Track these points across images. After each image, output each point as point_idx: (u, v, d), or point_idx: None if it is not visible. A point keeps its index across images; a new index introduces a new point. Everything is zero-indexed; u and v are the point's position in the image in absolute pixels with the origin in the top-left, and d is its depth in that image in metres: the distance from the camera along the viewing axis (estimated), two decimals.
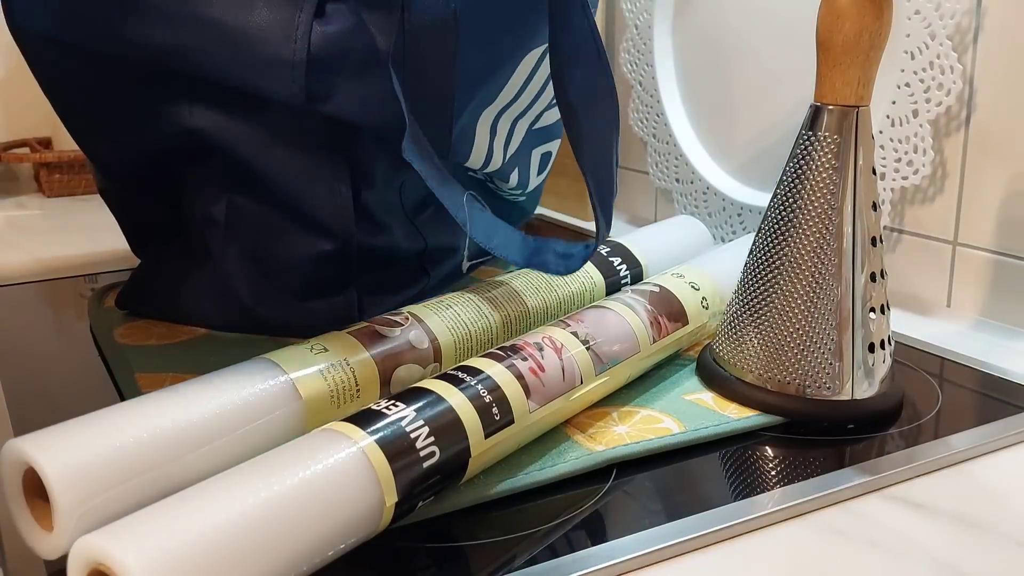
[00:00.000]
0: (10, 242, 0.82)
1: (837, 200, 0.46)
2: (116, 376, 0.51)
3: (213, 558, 0.29)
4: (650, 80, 0.84)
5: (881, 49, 0.45)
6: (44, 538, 0.33)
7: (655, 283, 0.53)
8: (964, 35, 0.61)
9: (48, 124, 1.04)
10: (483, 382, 0.40)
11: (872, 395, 0.47)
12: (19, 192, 1.05)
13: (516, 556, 0.36)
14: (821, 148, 0.46)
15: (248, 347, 0.55)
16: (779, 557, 0.36)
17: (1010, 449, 0.45)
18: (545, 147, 0.66)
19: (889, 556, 0.36)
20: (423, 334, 0.46)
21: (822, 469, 0.42)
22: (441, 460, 0.36)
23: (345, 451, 0.34)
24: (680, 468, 0.43)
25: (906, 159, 0.63)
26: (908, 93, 0.62)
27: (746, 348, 0.48)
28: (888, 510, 0.40)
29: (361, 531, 0.34)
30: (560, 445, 0.43)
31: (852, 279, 0.46)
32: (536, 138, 0.65)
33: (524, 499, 0.40)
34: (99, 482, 0.33)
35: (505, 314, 0.51)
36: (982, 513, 0.39)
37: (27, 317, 0.63)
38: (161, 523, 0.30)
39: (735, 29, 0.76)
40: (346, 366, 0.42)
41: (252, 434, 0.38)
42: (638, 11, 0.85)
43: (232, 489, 0.31)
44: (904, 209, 0.66)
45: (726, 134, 0.79)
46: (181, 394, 0.37)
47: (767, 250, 0.48)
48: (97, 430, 0.35)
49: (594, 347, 0.46)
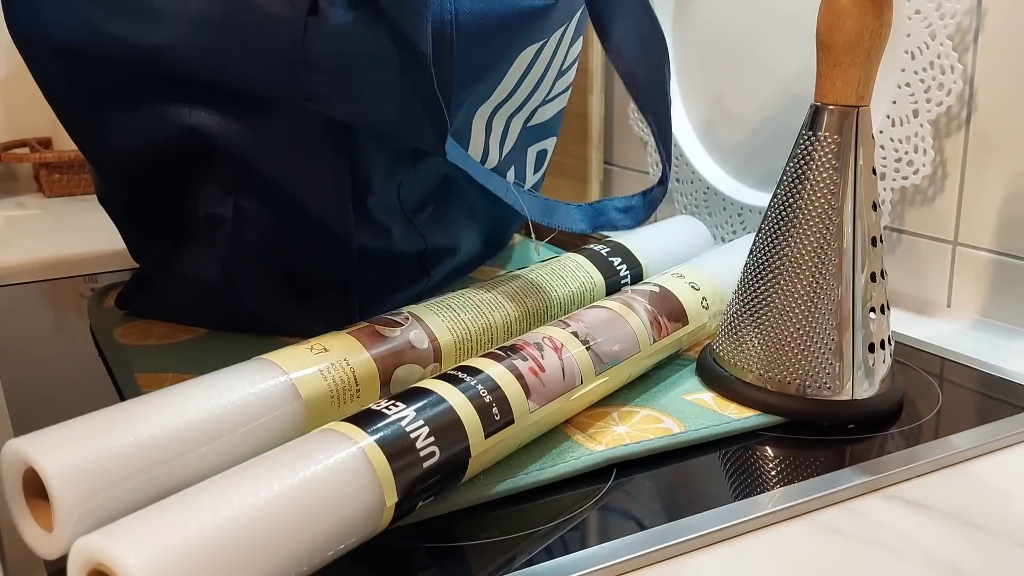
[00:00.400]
0: (10, 242, 0.82)
1: (837, 200, 0.46)
2: (116, 376, 0.51)
3: (213, 558, 0.29)
4: None
5: (881, 49, 0.45)
6: (44, 538, 0.33)
7: (655, 283, 0.53)
8: (964, 35, 0.61)
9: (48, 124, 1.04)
10: (483, 382, 0.40)
11: (872, 395, 0.47)
12: (19, 192, 1.05)
13: (516, 556, 0.36)
14: (821, 148, 0.46)
15: (248, 347, 0.55)
16: (779, 557, 0.36)
17: (1010, 449, 0.45)
18: (540, 144, 0.67)
19: (889, 556, 0.36)
20: (423, 334, 0.46)
21: (822, 469, 0.42)
22: (441, 460, 0.36)
23: (345, 451, 0.34)
24: (680, 468, 0.43)
25: (906, 159, 0.63)
26: (908, 93, 0.62)
27: (746, 348, 0.48)
28: (888, 510, 0.40)
29: (361, 531, 0.34)
30: (560, 445, 0.43)
31: (852, 279, 0.46)
32: (531, 135, 0.65)
33: (524, 499, 0.40)
34: (99, 482, 0.33)
35: (505, 314, 0.51)
36: (982, 513, 0.39)
37: (27, 317, 0.63)
38: (161, 523, 0.30)
39: (735, 29, 0.76)
40: (346, 366, 0.42)
41: (252, 434, 0.38)
42: None
43: (232, 489, 0.31)
44: (904, 209, 0.66)
45: (726, 134, 0.79)
46: (181, 394, 0.37)
47: (767, 250, 0.48)
48: (97, 430, 0.34)
49: (594, 347, 0.46)
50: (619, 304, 0.49)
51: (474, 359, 0.42)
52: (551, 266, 0.56)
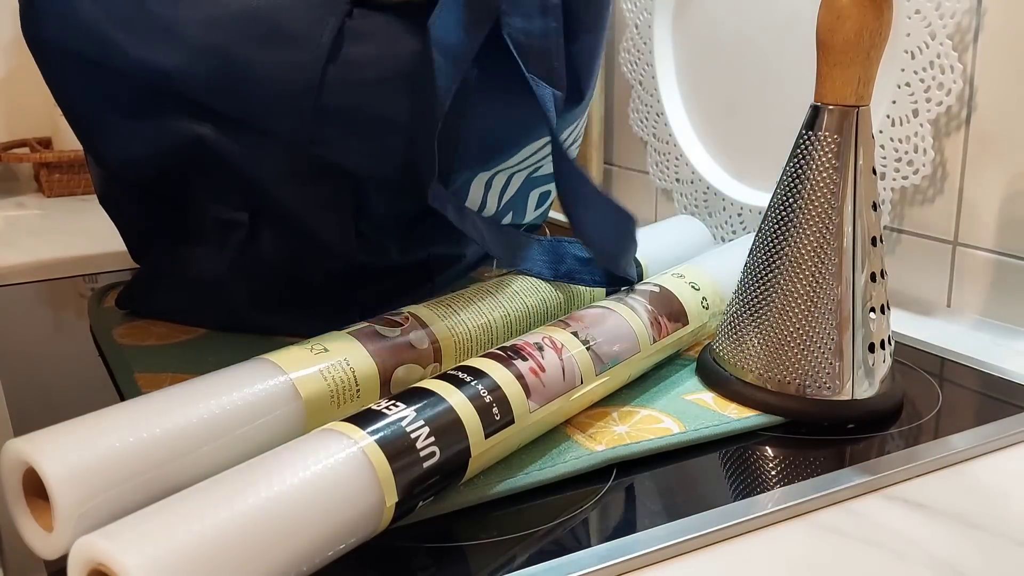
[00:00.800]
0: (10, 242, 0.82)
1: (837, 200, 0.46)
2: (116, 376, 0.51)
3: (213, 558, 0.29)
4: (650, 80, 0.84)
5: (881, 49, 0.45)
6: (44, 538, 0.33)
7: (655, 283, 0.53)
8: (964, 35, 0.61)
9: (48, 124, 1.04)
10: (483, 382, 0.40)
11: (872, 395, 0.47)
12: (19, 192, 1.05)
13: (516, 556, 0.36)
14: (821, 148, 0.46)
15: (248, 347, 0.55)
16: (779, 557, 0.36)
17: (1010, 449, 0.45)
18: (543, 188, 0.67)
19: (889, 556, 0.36)
20: (423, 334, 0.46)
21: (822, 469, 0.42)
22: (441, 460, 0.36)
23: (345, 451, 0.34)
24: (680, 468, 0.43)
25: (906, 159, 0.63)
26: (908, 93, 0.62)
27: (746, 348, 0.48)
28: (888, 510, 0.40)
29: (361, 531, 0.34)
30: (560, 445, 0.43)
31: (852, 279, 0.46)
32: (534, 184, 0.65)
33: (524, 499, 0.40)
34: (99, 482, 0.33)
35: (505, 314, 0.51)
36: (982, 513, 0.39)
37: (27, 317, 0.63)
38: (161, 523, 0.30)
39: (735, 29, 0.76)
40: (346, 366, 0.42)
41: (252, 434, 0.38)
42: (638, 11, 0.85)
43: (232, 489, 0.31)
44: (904, 209, 0.66)
45: (726, 134, 0.79)
46: (181, 394, 0.37)
47: (767, 250, 0.48)
48: (97, 430, 0.35)
49: (594, 347, 0.46)
50: (619, 304, 0.49)
51: (474, 359, 0.42)
52: None
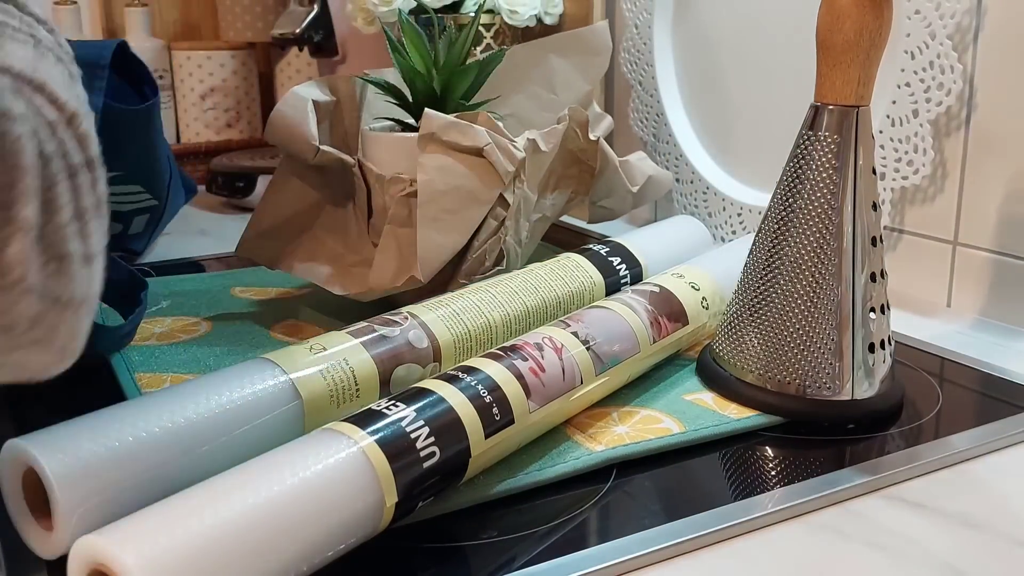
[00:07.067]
0: None
1: (837, 200, 0.46)
2: (116, 376, 0.51)
3: (213, 558, 0.29)
4: (650, 80, 0.84)
5: (881, 49, 0.45)
6: (44, 538, 0.33)
7: (655, 283, 0.53)
8: (964, 35, 0.61)
9: None
10: (483, 382, 0.40)
11: (872, 395, 0.47)
12: None
13: (516, 556, 0.36)
14: (821, 148, 0.46)
15: (248, 347, 0.55)
16: (779, 557, 0.36)
17: (1010, 449, 0.45)
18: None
19: (889, 556, 0.36)
20: (423, 334, 0.46)
21: (822, 469, 0.42)
22: (441, 460, 0.36)
23: (345, 451, 0.34)
24: (680, 468, 0.43)
25: (906, 159, 0.63)
26: (908, 93, 0.62)
27: (746, 348, 0.48)
28: (888, 510, 0.40)
29: (361, 531, 0.34)
30: (560, 445, 0.43)
31: (852, 279, 0.46)
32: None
33: (524, 499, 0.40)
34: (99, 482, 0.33)
35: (505, 314, 0.51)
36: (982, 513, 0.39)
37: None
38: (161, 523, 0.30)
39: (735, 29, 0.76)
40: (346, 366, 0.42)
41: (252, 434, 0.38)
42: (638, 11, 0.85)
43: (232, 489, 0.31)
44: (904, 209, 0.66)
45: (726, 134, 0.79)
46: (181, 394, 0.37)
47: (767, 250, 0.48)
48: (97, 430, 0.35)
49: (594, 347, 0.46)
50: (619, 304, 0.49)
51: (474, 359, 0.42)
52: (551, 266, 0.56)
